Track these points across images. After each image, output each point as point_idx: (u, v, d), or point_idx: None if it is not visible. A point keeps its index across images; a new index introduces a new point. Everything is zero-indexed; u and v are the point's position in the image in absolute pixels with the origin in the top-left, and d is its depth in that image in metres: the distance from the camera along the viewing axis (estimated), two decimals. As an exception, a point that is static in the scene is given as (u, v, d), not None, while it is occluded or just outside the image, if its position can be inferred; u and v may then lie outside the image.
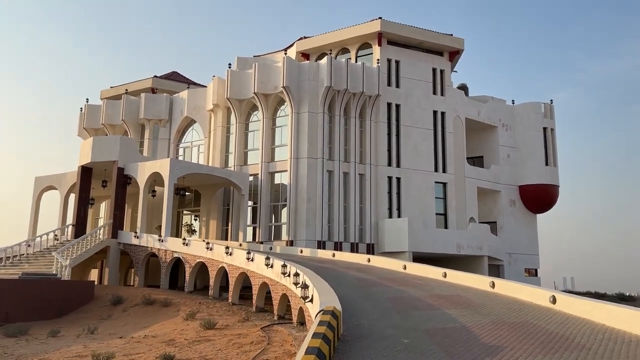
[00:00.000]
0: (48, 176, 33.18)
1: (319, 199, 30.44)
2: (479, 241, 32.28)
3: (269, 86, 31.98)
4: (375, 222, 31.96)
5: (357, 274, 17.69)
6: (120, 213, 29.54)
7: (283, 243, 30.27)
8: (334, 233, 30.68)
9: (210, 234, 33.31)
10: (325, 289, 9.77)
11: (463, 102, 36.99)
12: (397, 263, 19.98)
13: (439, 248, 31.09)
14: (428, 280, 16.60)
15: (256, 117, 33.52)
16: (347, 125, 32.58)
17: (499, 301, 12.78)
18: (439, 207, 34.11)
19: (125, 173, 29.73)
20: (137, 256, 28.24)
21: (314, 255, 25.51)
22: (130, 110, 37.70)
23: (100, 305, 22.65)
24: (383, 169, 32.80)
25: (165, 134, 37.52)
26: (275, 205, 31.96)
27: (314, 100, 31.54)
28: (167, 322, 17.65)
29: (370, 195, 32.13)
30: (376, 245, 31.63)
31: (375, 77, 32.67)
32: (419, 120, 34.38)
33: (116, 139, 30.07)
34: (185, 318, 17.48)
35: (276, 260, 17.06)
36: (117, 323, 19.34)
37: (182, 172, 28.21)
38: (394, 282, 15.66)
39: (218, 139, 34.48)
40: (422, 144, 34.19)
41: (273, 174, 32.23)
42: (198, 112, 36.15)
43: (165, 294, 23.72)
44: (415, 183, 33.42)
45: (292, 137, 31.24)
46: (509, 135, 39.28)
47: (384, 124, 33.38)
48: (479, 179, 36.61)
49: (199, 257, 24.37)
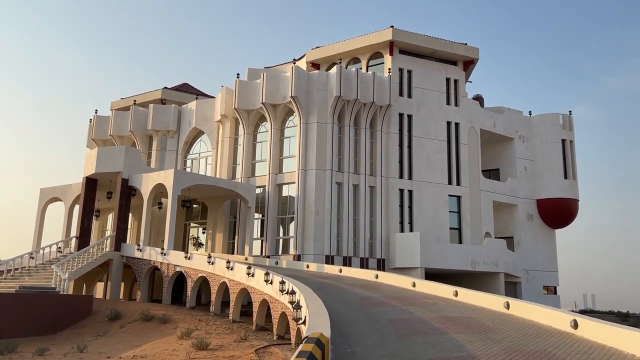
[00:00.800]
0: (53, 187, 32.72)
1: (328, 211, 29.45)
2: (495, 257, 30.93)
3: (277, 96, 31.24)
4: (386, 237, 30.83)
5: (362, 291, 16.61)
6: (123, 225, 28.85)
7: (290, 257, 29.28)
8: (342, 247, 29.61)
9: (217, 247, 32.47)
10: (318, 311, 8.74)
11: (478, 112, 35.86)
12: (406, 280, 18.86)
13: (452, 264, 29.82)
14: (437, 299, 15.46)
15: (264, 127, 32.77)
16: (357, 136, 31.64)
17: (513, 324, 11.63)
18: (452, 221, 32.87)
19: (130, 184, 29.08)
20: (139, 270, 27.47)
21: (320, 270, 24.47)
22: (138, 121, 37.24)
23: (97, 321, 21.84)
24: (394, 181, 31.73)
25: (173, 145, 36.94)
26: (283, 218, 31.03)
27: (323, 110, 30.69)
28: (161, 340, 16.73)
29: (381, 209, 31.05)
30: (387, 260, 30.46)
31: (386, 87, 31.75)
32: (431, 131, 33.32)
33: (121, 149, 29.50)
34: (180, 337, 16.55)
35: (276, 276, 16.08)
36: (111, 341, 18.47)
37: (187, 183, 27.47)
38: (400, 301, 14.56)
39: (225, 150, 33.77)
40: (435, 155, 33.08)
41: (281, 186, 31.35)
42: (206, 123, 35.54)
43: (166, 309, 22.85)
44: (428, 196, 32.27)
45: (300, 148, 30.38)
46: (526, 148, 37.99)
47: (395, 134, 32.38)
48: (494, 192, 35.32)
49: (201, 272, 23.49)
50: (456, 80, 34.92)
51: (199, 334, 17.24)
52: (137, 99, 41.84)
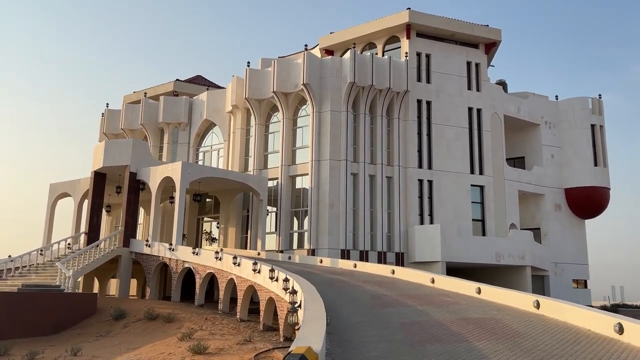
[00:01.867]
0: (62, 183, 32.03)
1: (343, 204, 28.08)
2: (521, 250, 29.20)
3: (288, 84, 29.93)
4: (405, 230, 29.35)
5: (375, 289, 15.26)
6: (132, 220, 27.94)
7: (304, 252, 28.04)
8: (359, 241, 28.23)
9: (229, 242, 31.41)
10: (315, 316, 7.39)
11: (501, 97, 34.01)
12: (424, 276, 17.42)
13: (475, 257, 28.22)
14: (458, 298, 14.02)
15: (276, 118, 31.51)
16: (373, 125, 30.15)
17: (546, 328, 10.17)
18: (475, 212, 31.20)
19: (138, 178, 28.14)
20: (148, 266, 26.54)
21: (334, 265, 23.16)
22: (149, 114, 36.36)
23: (101, 320, 20.92)
24: (413, 171, 30.18)
25: (185, 138, 35.97)
26: (297, 212, 29.78)
27: (337, 98, 29.27)
28: (160, 342, 15.64)
29: (399, 200, 29.56)
30: (406, 254, 28.99)
31: (403, 72, 30.15)
32: (452, 117, 31.64)
33: (128, 142, 28.56)
34: (180, 338, 15.43)
35: (281, 272, 14.84)
36: (110, 342, 17.48)
37: (195, 176, 26.39)
38: (416, 300, 13.17)
39: (237, 142, 32.63)
40: (456, 143, 31.41)
41: (294, 178, 30.08)
42: (218, 114, 34.45)
43: (173, 307, 21.82)
44: (448, 186, 30.65)
45: (313, 137, 29.05)
46: (553, 134, 36.00)
47: (413, 122, 30.80)
48: (520, 181, 33.50)
49: (209, 268, 22.40)
50: (477, 64, 33.12)
51: (202, 334, 16.12)
52: (150, 91, 40.98)
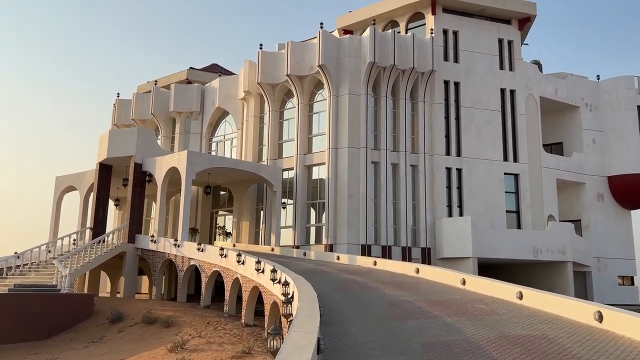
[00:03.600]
0: (68, 175, 30.56)
1: (363, 195, 25.78)
2: (562, 244, 26.44)
3: (303, 67, 27.69)
4: (432, 223, 26.89)
5: (395, 292, 12.99)
6: (138, 215, 26.22)
7: (322, 247, 25.88)
8: (381, 235, 25.90)
9: (243, 237, 29.48)
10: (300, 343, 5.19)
11: (537, 78, 31.10)
12: (454, 276, 15.06)
13: (510, 253, 25.62)
14: (496, 305, 11.65)
15: (291, 103, 29.33)
16: (396, 108, 27.71)
17: (613, 349, 7.79)
18: (509, 203, 28.52)
19: (144, 169, 26.39)
20: (154, 263, 24.80)
21: (352, 262, 20.94)
22: (160, 103, 34.63)
23: (97, 324, 19.19)
24: (440, 158, 27.66)
25: (197, 127, 34.15)
26: (314, 204, 27.61)
27: (356, 80, 26.92)
28: (148, 353, 13.71)
29: (425, 190, 27.11)
30: (433, 250, 26.55)
31: (428, 51, 27.59)
32: (483, 100, 28.95)
33: (133, 131, 26.82)
34: (170, 349, 13.47)
35: (282, 273, 12.71)
36: (98, 350, 15.67)
37: (202, 166, 24.45)
38: (443, 309, 10.88)
39: (250, 131, 30.60)
40: (487, 128, 28.73)
41: (310, 168, 27.90)
42: (230, 101, 32.46)
43: (176, 309, 19.95)
44: (479, 175, 28.04)
45: (330, 124, 26.78)
46: (594, 117, 32.91)
47: (440, 105, 28.23)
48: (558, 169, 30.62)
49: (215, 266, 20.46)
50: (510, 42, 30.31)
51: (197, 344, 14.13)
52: (163, 81, 39.31)
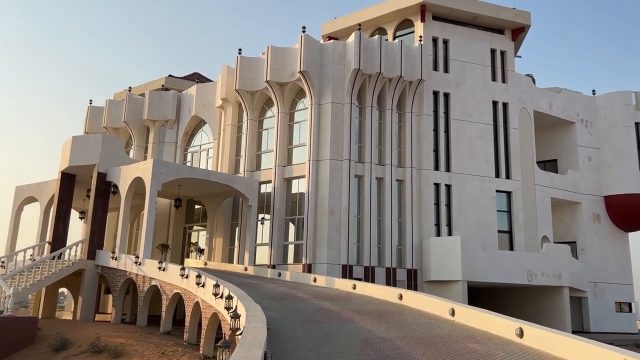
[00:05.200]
0: (28, 185, 28.33)
1: (345, 211, 23.85)
2: (557, 267, 24.62)
3: (284, 73, 25.92)
4: (419, 242, 24.99)
5: (373, 326, 11.01)
6: (99, 229, 24.04)
7: (300, 267, 23.83)
8: (364, 255, 23.92)
9: (216, 255, 27.34)
10: None
11: (531, 91, 29.59)
12: (442, 305, 13.10)
13: (502, 276, 23.74)
14: (491, 344, 9.71)
15: (271, 112, 27.49)
16: (382, 119, 25.96)
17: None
18: (501, 222, 26.74)
19: (108, 179, 24.29)
20: (114, 282, 22.59)
21: (329, 285, 18.89)
22: (133, 111, 32.62)
23: (39, 351, 16.94)
24: (428, 173, 25.87)
25: (173, 137, 32.14)
26: (292, 219, 25.61)
27: (339, 88, 25.17)
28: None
29: (412, 207, 25.25)
30: (419, 271, 24.60)
31: (417, 59, 25.96)
32: (474, 112, 27.32)
33: (97, 137, 24.76)
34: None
35: (240, 301, 10.69)
36: (28, 386, 13.46)
37: (169, 176, 22.42)
38: (428, 350, 8.92)
39: (227, 140, 28.66)
40: (478, 142, 27.05)
41: (289, 181, 25.96)
42: (207, 110, 30.56)
43: (130, 335, 17.76)
44: (470, 192, 26.27)
45: (311, 134, 24.94)
46: (590, 133, 31.43)
47: (429, 117, 26.54)
48: (552, 187, 28.98)
49: (176, 287, 18.33)
50: (503, 52, 28.85)
51: (140, 382, 11.99)
52: (140, 89, 37.38)
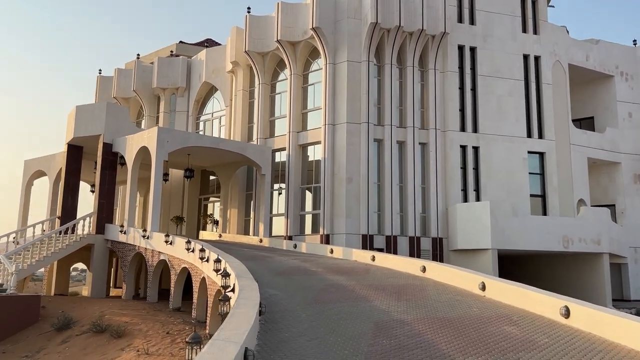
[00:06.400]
0: (37, 159, 27.46)
1: (364, 178, 22.29)
2: (596, 232, 22.73)
3: (296, 31, 24.14)
4: (444, 209, 23.35)
5: (391, 305, 9.57)
6: (107, 201, 23.03)
7: (318, 238, 22.50)
8: (385, 224, 22.43)
9: (231, 227, 26.21)
10: None
11: (565, 42, 27.16)
12: (471, 278, 11.57)
13: (535, 243, 21.99)
14: (531, 327, 8.18)
15: (283, 75, 25.82)
16: (402, 78, 24.07)
17: None
18: (534, 186, 24.85)
19: (114, 150, 23.16)
20: (124, 257, 21.66)
21: (347, 257, 17.50)
22: (142, 79, 31.35)
23: (41, 331, 16.09)
24: (454, 135, 24.03)
25: (184, 105, 30.80)
26: (309, 188, 24.20)
27: (356, 45, 23.29)
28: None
29: (437, 172, 23.54)
30: (445, 240, 23.03)
31: (440, 10, 23.82)
32: (503, 68, 25.17)
33: (101, 106, 23.55)
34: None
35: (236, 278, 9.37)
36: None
37: (176, 145, 21.12)
38: (455, 336, 7.46)
39: (239, 107, 27.18)
40: (508, 100, 24.98)
41: (304, 147, 24.45)
42: (217, 75, 29.04)
43: (136, 313, 16.79)
44: (499, 154, 24.38)
45: (326, 96, 23.25)
46: (631, 87, 28.93)
47: (453, 74, 24.53)
48: (589, 146, 26.83)
49: (183, 262, 17.20)
50: (534, 1, 26.39)
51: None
52: (150, 57, 35.96)
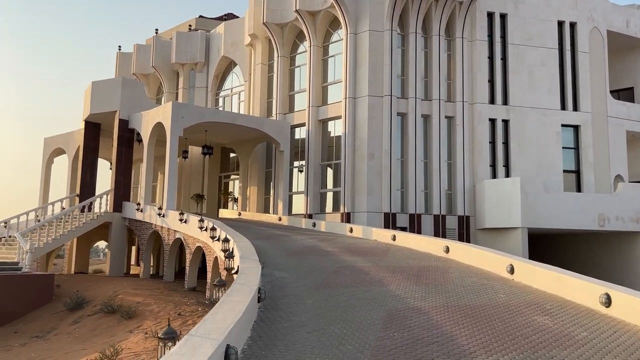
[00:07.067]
0: (56, 136, 27.25)
1: (386, 154, 21.31)
2: (635, 210, 21.38)
3: (315, 0, 23.04)
4: (471, 186, 22.25)
5: (408, 290, 8.73)
6: (124, 179, 22.67)
7: (338, 216, 21.73)
8: (408, 202, 21.48)
9: (251, 205, 25.64)
10: None
11: (604, 8, 25.36)
12: (498, 260, 10.63)
13: (569, 222, 20.79)
14: (566, 317, 7.26)
15: (303, 47, 24.82)
16: (428, 48, 22.81)
17: None
18: (567, 161, 23.48)
19: (130, 127, 22.68)
20: (141, 235, 21.34)
21: (367, 236, 16.69)
22: (161, 55, 30.78)
23: (53, 311, 15.82)
24: (483, 108, 22.76)
25: (203, 81, 30.16)
26: (329, 165, 23.35)
27: (378, 13, 22.09)
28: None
29: (464, 147, 22.40)
30: (472, 218, 21.98)
31: (467, -26, 22.38)
32: (536, 35, 23.63)
33: (117, 82, 23.02)
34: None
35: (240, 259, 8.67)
36: (29, 351, 12.21)
37: (191, 121, 20.47)
38: (479, 327, 6.60)
39: (257, 81, 26.36)
40: (541, 70, 23.50)
41: (324, 123, 23.54)
42: (236, 49, 28.21)
43: (150, 293, 16.40)
44: (531, 127, 23.04)
45: (347, 68, 22.20)
46: (676, 56, 26.97)
47: (482, 42, 23.14)
48: (628, 119, 25.19)
49: (198, 240, 16.67)
50: (571, -37, 24.62)
51: (139, 350, 10.37)
52: (169, 33, 35.30)
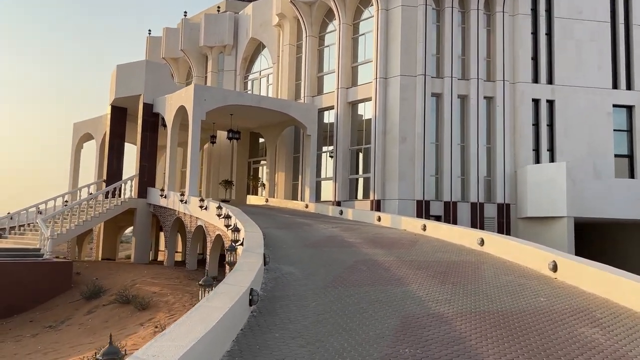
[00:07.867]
0: (85, 122, 27.05)
1: (419, 137, 19.99)
2: (696, 199, 19.38)
3: (345, -25, 21.79)
4: (512, 172, 20.70)
5: (430, 292, 7.56)
6: (149, 164, 22.18)
7: (368, 204, 20.62)
8: (443, 189, 20.14)
9: (279, 191, 24.82)
10: None
11: (663, -24, 23.05)
12: (538, 255, 9.32)
13: (620, 210, 19.07)
14: (621, 328, 6.02)
15: (332, 26, 23.63)
16: (465, 23, 21.24)
17: None
18: (620, 145, 21.57)
19: (155, 111, 22.12)
20: (165, 222, 20.82)
21: (395, 226, 15.52)
22: (190, 38, 30.16)
23: (70, 300, 15.40)
24: (525, 87, 21.08)
25: (232, 64, 29.37)
26: (359, 150, 22.21)
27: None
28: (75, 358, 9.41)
29: (504, 130, 20.82)
30: (513, 206, 20.46)
31: (510, -58, 20.62)
32: (585, 8, 21.68)
33: (141, 65, 22.45)
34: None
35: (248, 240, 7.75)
36: (38, 342, 11.72)
37: (214, 104, 19.68)
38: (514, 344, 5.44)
39: (286, 63, 25.37)
40: (590, 46, 21.57)
41: (354, 105, 22.37)
42: (265, 30, 27.25)
43: (168, 282, 15.82)
44: (579, 108, 21.22)
45: (378, 46, 20.90)
46: None
47: (525, 16, 21.37)
48: (689, 99, 22.92)
49: (217, 228, 15.90)
50: None
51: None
52: (199, 17, 34.65)
